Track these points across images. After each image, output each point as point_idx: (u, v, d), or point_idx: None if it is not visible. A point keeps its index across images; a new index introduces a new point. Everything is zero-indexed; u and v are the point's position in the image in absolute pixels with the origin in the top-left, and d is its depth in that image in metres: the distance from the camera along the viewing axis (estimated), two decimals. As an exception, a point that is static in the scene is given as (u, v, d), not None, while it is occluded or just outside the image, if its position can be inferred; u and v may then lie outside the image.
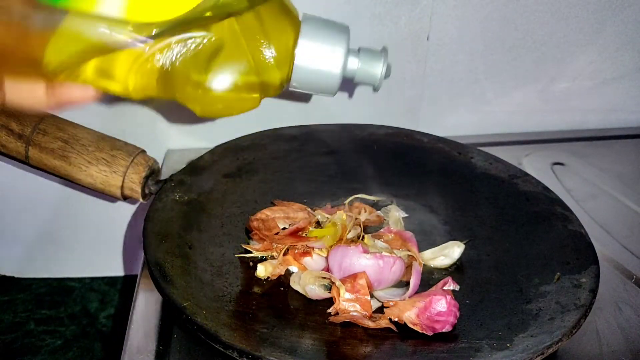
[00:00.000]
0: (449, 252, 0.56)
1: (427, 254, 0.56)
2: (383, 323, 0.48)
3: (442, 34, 0.77)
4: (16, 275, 0.74)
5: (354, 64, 0.47)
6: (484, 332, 0.47)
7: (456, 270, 0.55)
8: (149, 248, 0.51)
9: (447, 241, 0.57)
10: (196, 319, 0.44)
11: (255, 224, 0.56)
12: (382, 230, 0.57)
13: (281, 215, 0.56)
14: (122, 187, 0.56)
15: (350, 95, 0.80)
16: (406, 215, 0.61)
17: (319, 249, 0.53)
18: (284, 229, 0.55)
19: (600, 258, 0.53)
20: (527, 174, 0.65)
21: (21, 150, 0.54)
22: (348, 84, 0.79)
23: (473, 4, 0.75)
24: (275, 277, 0.53)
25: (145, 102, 0.71)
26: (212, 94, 0.41)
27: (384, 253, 0.51)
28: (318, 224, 0.57)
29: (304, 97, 0.78)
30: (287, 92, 0.47)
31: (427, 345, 0.46)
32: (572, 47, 0.81)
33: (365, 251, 0.50)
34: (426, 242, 0.58)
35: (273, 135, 0.70)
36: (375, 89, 0.48)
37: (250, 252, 0.54)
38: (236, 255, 0.55)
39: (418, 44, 0.77)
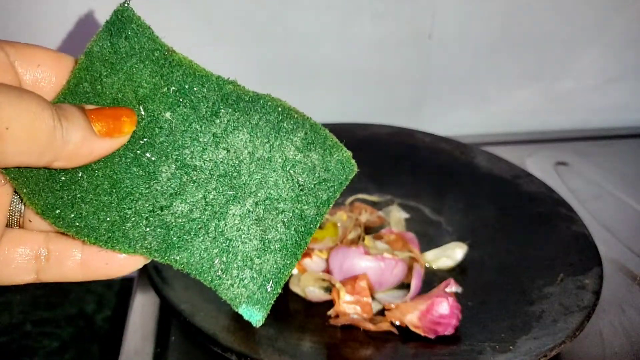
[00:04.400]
0: (451, 254, 0.56)
1: (429, 255, 0.56)
2: (384, 326, 0.47)
3: (444, 32, 0.76)
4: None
5: None
6: (486, 334, 0.46)
7: (458, 271, 0.55)
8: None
9: (449, 242, 0.57)
10: (194, 321, 0.44)
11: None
12: (383, 231, 0.57)
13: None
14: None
15: (352, 94, 0.79)
16: (407, 216, 0.61)
17: (319, 250, 0.52)
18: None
19: (604, 259, 0.52)
20: (530, 174, 0.64)
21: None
22: (348, 83, 0.78)
23: (476, 1, 0.75)
24: (275, 279, 0.52)
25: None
26: None
27: (385, 254, 0.50)
28: (318, 225, 0.56)
29: (304, 97, 0.77)
30: (287, 93, 0.46)
31: (429, 348, 0.46)
32: (575, 45, 0.81)
33: (367, 252, 0.50)
34: (428, 243, 0.57)
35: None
36: None
37: (250, 253, 0.54)
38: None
39: (420, 42, 0.76)
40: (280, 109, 0.31)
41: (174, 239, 0.30)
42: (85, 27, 0.67)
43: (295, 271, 0.53)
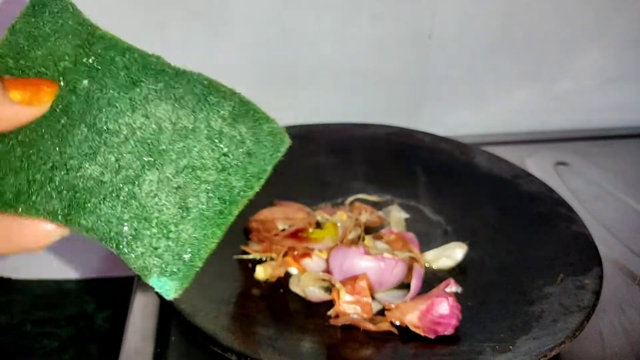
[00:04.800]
0: (451, 254, 0.55)
1: (429, 255, 0.56)
2: (384, 326, 0.47)
3: (444, 32, 0.76)
4: (12, 277, 0.73)
5: None
6: (486, 334, 0.46)
7: (458, 271, 0.55)
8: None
9: (449, 242, 0.57)
10: (194, 321, 0.44)
11: (254, 224, 0.55)
12: (383, 231, 0.56)
13: (281, 216, 0.56)
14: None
15: (351, 94, 0.79)
16: (407, 216, 0.61)
17: (319, 250, 0.52)
18: (283, 230, 0.55)
19: (604, 259, 0.52)
20: (530, 174, 0.64)
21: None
22: (347, 83, 0.78)
23: (475, 2, 0.75)
24: (275, 279, 0.52)
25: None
26: None
27: (385, 254, 0.50)
28: (318, 225, 0.56)
29: (303, 97, 0.77)
30: (286, 93, 0.46)
31: (429, 348, 0.46)
32: (575, 46, 0.81)
33: (367, 252, 0.50)
34: (428, 243, 0.57)
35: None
36: None
37: (249, 254, 0.54)
38: (234, 257, 0.54)
39: (419, 42, 0.76)
40: (206, 83, 0.31)
41: (80, 201, 0.30)
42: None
43: (295, 271, 0.53)
